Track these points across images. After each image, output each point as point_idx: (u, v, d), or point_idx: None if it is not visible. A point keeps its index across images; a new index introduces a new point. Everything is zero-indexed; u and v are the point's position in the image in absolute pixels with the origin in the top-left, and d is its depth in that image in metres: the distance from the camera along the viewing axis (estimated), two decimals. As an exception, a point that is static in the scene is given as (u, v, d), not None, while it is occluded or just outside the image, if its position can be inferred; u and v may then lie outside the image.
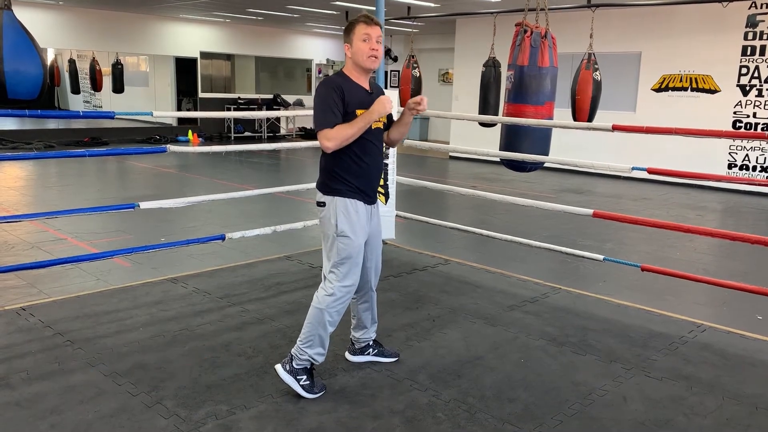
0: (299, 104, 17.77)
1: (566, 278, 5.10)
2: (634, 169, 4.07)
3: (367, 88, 2.93)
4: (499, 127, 5.49)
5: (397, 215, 5.55)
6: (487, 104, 8.79)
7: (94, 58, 16.84)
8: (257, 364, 3.25)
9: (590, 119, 8.39)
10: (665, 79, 11.16)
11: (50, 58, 18.44)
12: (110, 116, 4.12)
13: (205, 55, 16.68)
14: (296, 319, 3.86)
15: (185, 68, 16.58)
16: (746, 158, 10.41)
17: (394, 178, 5.44)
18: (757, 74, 10.13)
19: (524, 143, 5.17)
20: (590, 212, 4.38)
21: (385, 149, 5.24)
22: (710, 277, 4.59)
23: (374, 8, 5.42)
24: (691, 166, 9.79)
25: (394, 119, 3.22)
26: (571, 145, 10.71)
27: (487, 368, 3.29)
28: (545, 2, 5.21)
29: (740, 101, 10.34)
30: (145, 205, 4.17)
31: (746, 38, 10.16)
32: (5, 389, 2.92)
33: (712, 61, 10.55)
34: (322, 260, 3.03)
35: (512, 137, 5.32)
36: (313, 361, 2.95)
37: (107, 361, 3.23)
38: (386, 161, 5.32)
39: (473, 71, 10.43)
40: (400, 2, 10.89)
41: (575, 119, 8.45)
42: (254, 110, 16.70)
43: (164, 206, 4.39)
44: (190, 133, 15.53)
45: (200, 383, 3.02)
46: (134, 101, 18.25)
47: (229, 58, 17.68)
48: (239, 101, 17.05)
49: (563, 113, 8.30)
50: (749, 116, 10.28)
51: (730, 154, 10.54)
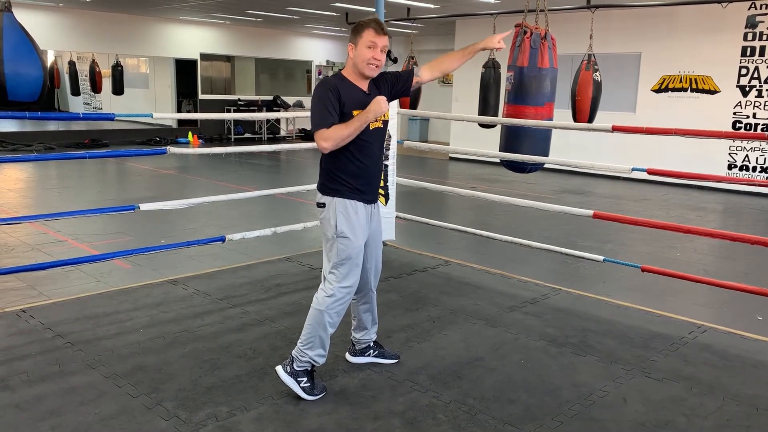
0: (299, 106, 17.78)
1: (566, 279, 5.10)
2: (634, 169, 4.08)
3: (365, 89, 2.91)
4: (499, 128, 5.49)
5: (397, 216, 5.55)
6: (486, 105, 8.79)
7: (94, 59, 16.85)
8: (257, 365, 3.25)
9: (590, 120, 8.38)
10: (665, 79, 11.16)
11: (50, 60, 18.45)
12: (110, 118, 4.12)
13: (205, 56, 16.69)
14: (296, 320, 3.86)
15: (185, 70, 16.59)
16: (746, 159, 10.41)
17: (394, 179, 5.44)
18: (756, 75, 10.14)
19: (524, 144, 5.17)
20: (590, 213, 4.38)
21: (386, 149, 5.25)
22: (710, 277, 4.59)
23: (374, 9, 5.43)
24: (691, 166, 9.79)
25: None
26: (571, 146, 10.74)
27: (487, 369, 3.29)
28: (545, 3, 5.21)
29: (740, 102, 10.34)
30: (145, 206, 4.17)
31: (746, 39, 10.17)
32: (5, 391, 2.92)
33: (711, 61, 10.55)
34: (322, 261, 3.03)
35: (512, 138, 5.32)
36: (313, 362, 2.94)
37: (107, 362, 3.23)
38: (386, 162, 5.32)
39: (473, 72, 10.41)
40: (399, 3, 10.89)
41: (575, 120, 8.44)
42: (254, 112, 16.71)
43: (164, 208, 4.39)
44: (190, 134, 15.53)
45: (200, 385, 3.02)
46: (134, 103, 18.26)
47: (229, 59, 17.69)
48: (239, 103, 17.06)
49: (563, 114, 8.30)
50: (749, 117, 10.28)
51: (730, 154, 10.54)
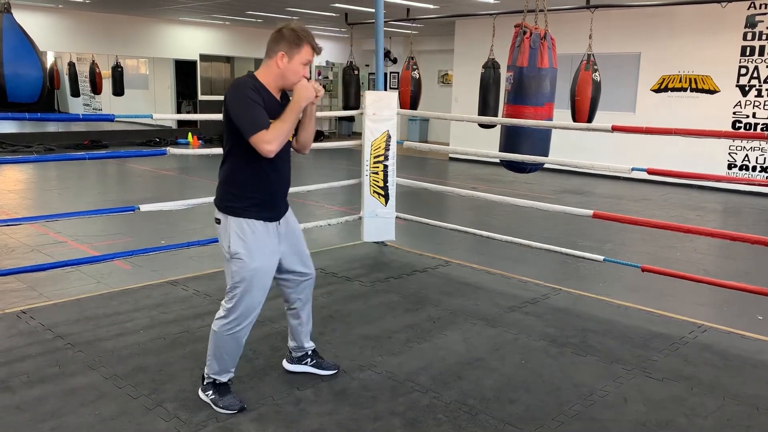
0: (299, 106, 17.79)
1: (566, 279, 5.10)
2: (633, 169, 4.08)
3: (278, 98, 2.69)
4: (498, 128, 5.49)
5: (397, 217, 5.55)
6: (486, 105, 8.81)
7: (93, 61, 16.86)
8: (257, 366, 3.24)
9: (590, 120, 8.39)
10: (665, 79, 11.16)
11: (50, 61, 18.45)
12: (110, 119, 4.12)
13: (204, 57, 16.69)
14: (297, 321, 3.86)
15: (185, 71, 16.59)
16: (746, 158, 10.41)
17: (393, 179, 5.43)
18: (756, 74, 10.14)
19: (524, 144, 5.17)
20: (590, 213, 4.38)
21: (386, 149, 5.25)
22: (710, 277, 4.59)
23: (373, 10, 5.43)
24: (690, 166, 9.78)
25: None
26: (570, 146, 10.73)
27: (487, 369, 3.29)
28: (544, 3, 5.21)
29: (740, 101, 10.34)
30: (145, 207, 4.17)
31: (745, 38, 10.17)
32: (6, 392, 2.92)
33: (711, 61, 10.55)
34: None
35: (512, 138, 5.32)
36: (217, 379, 2.81)
37: (108, 364, 3.23)
38: (386, 163, 5.32)
39: (473, 73, 10.43)
40: (399, 4, 10.90)
41: (575, 120, 8.45)
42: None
43: (164, 208, 4.39)
44: (190, 135, 15.52)
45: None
46: (134, 104, 18.26)
47: (228, 60, 17.68)
48: (239, 103, 17.03)
49: (563, 114, 8.31)
50: (749, 116, 10.28)
51: (729, 154, 10.54)
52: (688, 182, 10.59)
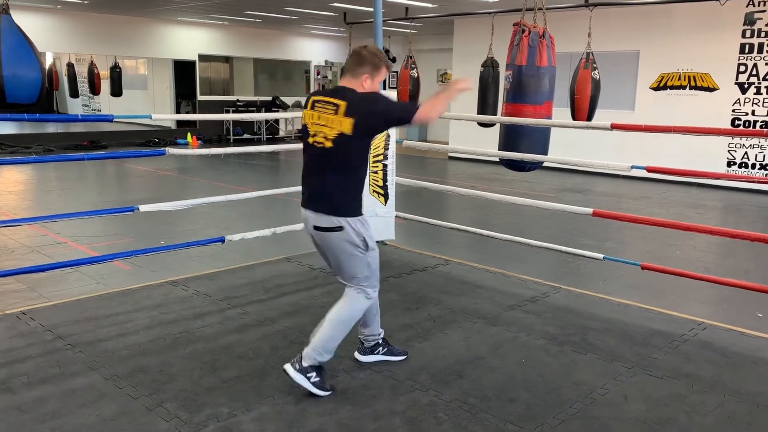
0: (298, 106, 17.77)
1: (566, 277, 5.10)
2: (633, 167, 4.08)
3: None
4: (498, 127, 5.49)
5: (396, 216, 5.55)
6: (485, 104, 8.80)
7: (92, 61, 16.84)
8: (258, 366, 3.24)
9: (589, 118, 8.39)
10: (664, 77, 11.16)
11: (48, 62, 18.44)
12: (109, 119, 4.11)
13: (203, 57, 16.68)
14: (297, 320, 3.86)
15: (184, 71, 16.58)
16: (745, 156, 10.41)
17: (393, 178, 5.43)
18: (755, 72, 10.14)
19: (523, 143, 5.17)
20: (590, 211, 4.38)
21: (385, 149, 5.25)
22: (710, 275, 4.59)
23: (372, 9, 5.42)
24: (690, 164, 9.80)
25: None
26: (570, 144, 10.72)
27: (488, 368, 3.29)
28: (543, 2, 5.21)
29: (739, 99, 10.35)
30: (144, 208, 4.17)
31: (744, 36, 10.17)
32: (6, 393, 2.92)
33: (710, 59, 10.55)
34: (321, 261, 3.02)
35: (511, 137, 5.32)
36: (322, 361, 2.98)
37: (108, 364, 3.23)
38: (385, 162, 5.32)
39: (472, 71, 10.41)
40: (398, 3, 10.89)
41: (574, 118, 8.45)
42: (253, 112, 16.71)
43: (164, 209, 4.39)
44: (189, 135, 15.52)
45: (201, 386, 3.02)
46: (133, 104, 18.25)
47: (227, 60, 17.68)
48: (238, 103, 17.05)
49: (562, 112, 8.30)
50: (748, 114, 10.28)
51: (729, 151, 10.54)
52: (687, 180, 10.59)
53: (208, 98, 16.79)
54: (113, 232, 6.47)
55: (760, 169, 10.31)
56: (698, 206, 8.94)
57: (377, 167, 5.31)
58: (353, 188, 2.92)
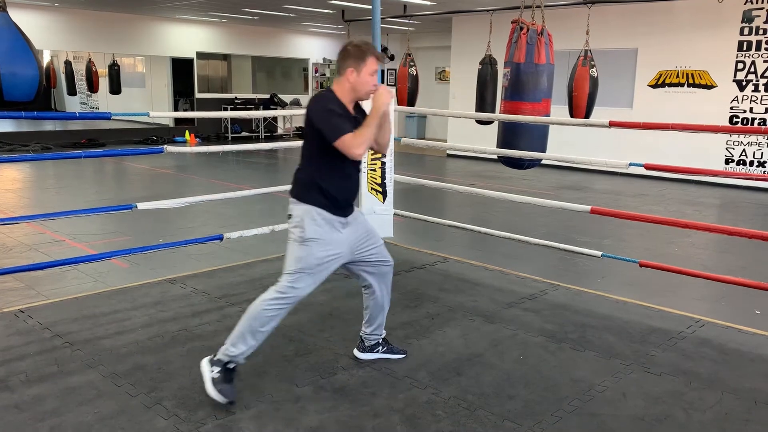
0: (296, 104, 17.75)
1: (565, 275, 5.10)
2: (631, 165, 4.08)
3: (352, 112, 2.91)
4: (496, 124, 5.49)
5: (395, 214, 5.55)
6: (484, 102, 8.81)
7: (90, 59, 16.81)
8: (256, 364, 3.24)
9: (587, 116, 8.40)
10: (662, 75, 11.17)
11: (46, 59, 18.40)
12: (107, 117, 4.11)
13: (201, 55, 16.65)
14: (295, 318, 3.86)
15: (182, 69, 16.55)
16: (743, 153, 10.42)
17: (391, 176, 5.43)
18: (753, 69, 10.15)
19: (522, 140, 5.17)
20: (588, 209, 4.38)
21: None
22: (708, 272, 4.59)
23: (370, 7, 5.42)
24: (688, 161, 9.80)
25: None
26: (568, 141, 10.74)
27: (486, 365, 3.29)
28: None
29: (737, 96, 10.35)
30: (142, 205, 4.16)
31: (742, 33, 10.18)
32: (4, 391, 2.92)
33: (708, 56, 10.56)
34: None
35: (510, 134, 5.32)
36: (232, 361, 2.87)
37: (106, 362, 3.23)
38: (384, 159, 5.32)
39: (470, 69, 10.42)
40: (396, 1, 10.88)
41: (572, 116, 8.46)
42: (251, 110, 16.68)
43: (162, 207, 4.38)
44: (187, 133, 15.51)
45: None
46: (131, 102, 18.21)
47: (225, 58, 17.64)
48: (236, 101, 17.02)
49: (560, 110, 8.31)
50: (746, 111, 10.29)
51: (726, 149, 10.55)
52: (685, 177, 10.61)
53: (206, 96, 16.76)
54: (111, 230, 6.46)
55: (757, 166, 10.32)
56: (696, 203, 8.95)
57: (375, 165, 5.31)
58: (309, 179, 2.87)
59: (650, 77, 11.30)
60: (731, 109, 10.41)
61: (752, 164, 10.36)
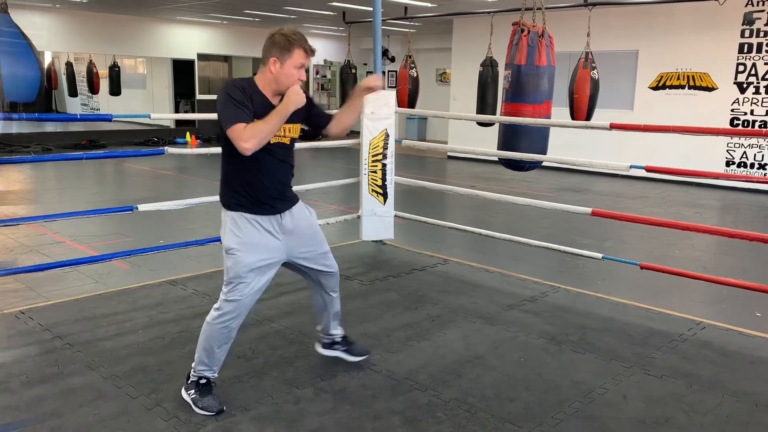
0: (297, 105, 17.78)
1: (565, 277, 5.10)
2: (632, 167, 4.08)
3: (275, 103, 2.69)
4: (497, 126, 5.49)
5: (395, 215, 5.55)
6: (484, 104, 8.81)
7: (91, 60, 16.83)
8: (257, 365, 3.24)
9: (588, 118, 8.40)
10: (662, 77, 11.17)
11: (47, 61, 18.41)
12: (108, 119, 4.11)
13: (202, 56, 16.66)
14: (295, 320, 3.86)
15: (182, 70, 16.56)
16: (744, 155, 10.42)
17: (392, 178, 5.43)
18: (754, 71, 10.14)
19: (522, 142, 5.18)
20: (589, 211, 4.38)
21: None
22: (709, 274, 4.60)
23: (371, 8, 5.42)
24: (689, 163, 9.80)
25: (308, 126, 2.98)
26: (569, 143, 10.73)
27: (487, 368, 3.29)
28: (542, 1, 5.22)
29: (737, 98, 10.35)
30: (143, 207, 4.17)
31: (743, 36, 10.18)
32: (5, 393, 2.92)
33: (709, 58, 10.56)
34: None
35: (510, 136, 5.33)
36: (203, 376, 2.84)
37: (107, 363, 3.23)
38: (385, 161, 5.31)
39: (471, 71, 10.41)
40: (396, 2, 10.89)
41: (573, 118, 8.46)
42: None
43: (163, 208, 4.39)
44: (188, 135, 15.51)
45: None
46: (132, 104, 18.23)
47: (226, 59, 17.66)
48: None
49: (561, 112, 8.30)
50: (747, 113, 10.29)
51: (727, 151, 10.54)
52: (686, 179, 10.60)
53: (207, 97, 16.75)
54: (112, 231, 6.47)
55: (758, 168, 10.32)
56: (697, 206, 8.94)
57: (376, 166, 5.31)
58: (225, 179, 2.77)
59: (651, 79, 11.30)
60: (732, 111, 10.40)
61: (753, 166, 10.36)
